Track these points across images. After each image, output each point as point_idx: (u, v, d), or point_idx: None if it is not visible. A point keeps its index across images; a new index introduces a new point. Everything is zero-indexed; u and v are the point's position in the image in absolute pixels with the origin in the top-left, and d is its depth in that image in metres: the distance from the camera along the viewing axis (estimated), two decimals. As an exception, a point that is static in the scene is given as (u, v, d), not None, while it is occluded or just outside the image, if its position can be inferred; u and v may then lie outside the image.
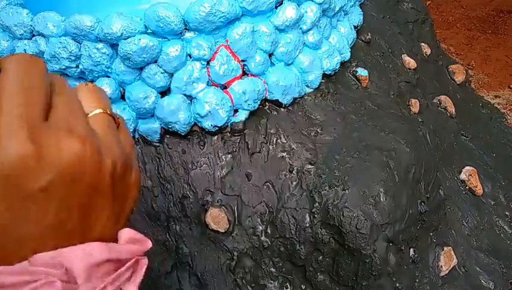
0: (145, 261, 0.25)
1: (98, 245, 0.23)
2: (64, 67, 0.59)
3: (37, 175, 0.21)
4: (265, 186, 0.61)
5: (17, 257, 0.21)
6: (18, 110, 0.21)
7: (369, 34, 0.80)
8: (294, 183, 0.61)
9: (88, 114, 0.26)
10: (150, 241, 0.25)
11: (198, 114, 0.60)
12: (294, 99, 0.66)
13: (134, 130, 0.63)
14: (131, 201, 0.27)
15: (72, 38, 0.58)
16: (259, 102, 0.63)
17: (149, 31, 0.57)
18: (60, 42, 0.58)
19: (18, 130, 0.21)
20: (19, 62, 0.23)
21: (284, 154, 0.63)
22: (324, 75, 0.70)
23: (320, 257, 0.60)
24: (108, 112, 0.26)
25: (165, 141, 0.63)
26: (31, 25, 0.61)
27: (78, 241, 0.23)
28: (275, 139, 0.63)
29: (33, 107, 0.22)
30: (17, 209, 0.21)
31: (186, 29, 0.58)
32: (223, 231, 0.60)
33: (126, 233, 0.25)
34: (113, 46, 0.58)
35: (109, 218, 0.25)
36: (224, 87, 0.61)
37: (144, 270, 0.25)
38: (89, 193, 0.24)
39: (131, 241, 0.26)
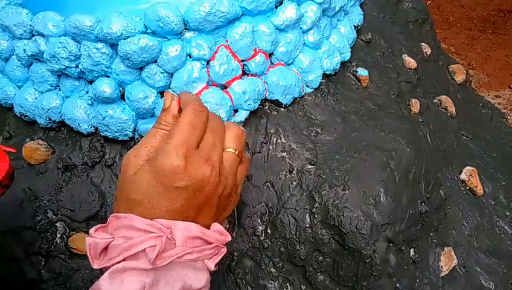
0: (224, 250, 0.38)
1: (195, 226, 0.36)
2: (63, 67, 0.59)
3: (178, 179, 0.35)
4: (265, 187, 0.61)
5: (150, 217, 0.35)
6: (184, 139, 0.36)
7: (369, 33, 0.80)
8: (294, 183, 0.61)
9: (225, 148, 0.40)
10: (230, 237, 0.38)
11: (198, 114, 0.60)
12: (294, 99, 0.66)
13: (134, 130, 0.62)
14: (228, 211, 0.42)
15: (71, 38, 0.58)
16: (259, 102, 0.63)
17: (149, 30, 0.57)
18: (60, 42, 0.58)
19: (179, 149, 0.35)
20: (194, 111, 0.37)
21: (284, 154, 0.63)
22: (324, 75, 0.69)
23: (321, 257, 0.60)
24: (237, 153, 0.40)
25: (165, 141, 0.63)
26: (31, 25, 0.61)
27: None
28: (275, 139, 0.63)
29: (192, 139, 0.37)
30: (161, 192, 0.35)
31: (186, 29, 0.58)
32: (223, 231, 0.60)
33: (216, 226, 0.38)
34: (113, 46, 0.58)
35: (210, 217, 0.39)
36: (224, 87, 0.61)
37: (222, 255, 0.38)
38: (204, 200, 0.37)
39: (219, 232, 0.38)
